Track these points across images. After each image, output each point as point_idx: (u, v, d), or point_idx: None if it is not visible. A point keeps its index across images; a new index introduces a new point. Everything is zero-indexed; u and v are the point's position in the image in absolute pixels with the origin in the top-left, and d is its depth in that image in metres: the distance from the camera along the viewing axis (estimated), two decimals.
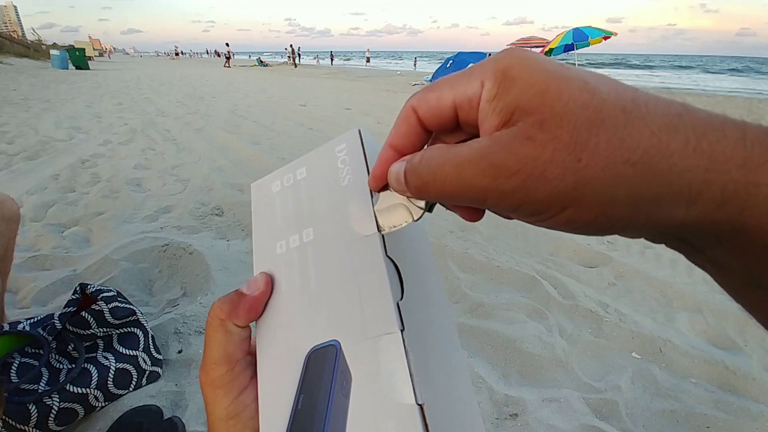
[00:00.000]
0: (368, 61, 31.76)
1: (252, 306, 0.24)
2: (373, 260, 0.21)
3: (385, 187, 0.22)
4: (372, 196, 0.23)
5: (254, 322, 0.25)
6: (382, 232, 0.22)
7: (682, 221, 0.15)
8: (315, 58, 42.20)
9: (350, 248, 0.22)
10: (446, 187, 0.17)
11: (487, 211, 0.20)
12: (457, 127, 0.19)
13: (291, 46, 25.25)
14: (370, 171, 0.22)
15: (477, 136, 0.18)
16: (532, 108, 0.15)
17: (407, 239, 0.25)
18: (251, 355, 0.25)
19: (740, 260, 0.16)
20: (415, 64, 28.17)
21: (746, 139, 0.14)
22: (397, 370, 0.19)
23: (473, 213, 0.21)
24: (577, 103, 0.15)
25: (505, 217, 0.20)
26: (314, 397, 0.20)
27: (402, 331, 0.19)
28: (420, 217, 0.21)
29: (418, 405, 0.18)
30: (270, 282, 0.25)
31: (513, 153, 0.15)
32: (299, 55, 25.61)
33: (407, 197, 0.21)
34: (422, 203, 0.21)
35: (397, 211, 0.21)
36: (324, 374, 0.20)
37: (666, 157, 0.14)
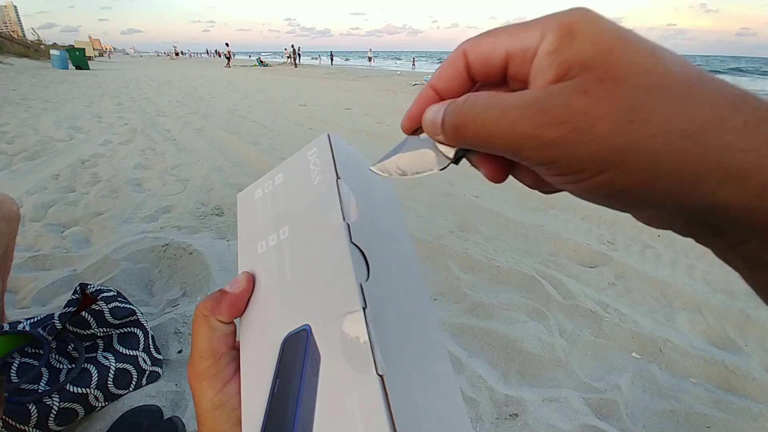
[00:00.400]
0: (371, 60, 31.58)
1: (234, 303, 0.25)
2: (339, 247, 0.23)
3: (416, 131, 0.21)
4: (339, 188, 0.25)
5: (239, 319, 0.26)
6: (406, 177, 0.21)
7: (725, 204, 0.14)
8: (317, 58, 42.25)
9: (320, 239, 0.24)
10: (486, 130, 0.16)
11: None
12: (503, 81, 0.18)
13: (292, 46, 25.31)
14: (408, 113, 0.22)
15: None
16: (593, 65, 0.14)
17: (378, 226, 0.26)
18: (236, 350, 0.26)
19: None
20: (413, 64, 28.12)
21: None
22: (359, 344, 0.20)
23: (499, 170, 0.20)
24: (641, 67, 0.14)
25: (528, 185, 0.20)
26: (288, 380, 0.21)
27: (364, 309, 0.20)
28: (446, 167, 0.20)
29: (379, 376, 0.19)
30: (251, 280, 0.26)
31: (564, 103, 0.14)
32: (299, 55, 25.60)
33: (437, 144, 0.20)
34: (451, 152, 0.20)
35: (424, 157, 0.21)
36: (297, 358, 0.22)
37: (722, 134, 0.13)
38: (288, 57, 30.22)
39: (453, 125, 0.18)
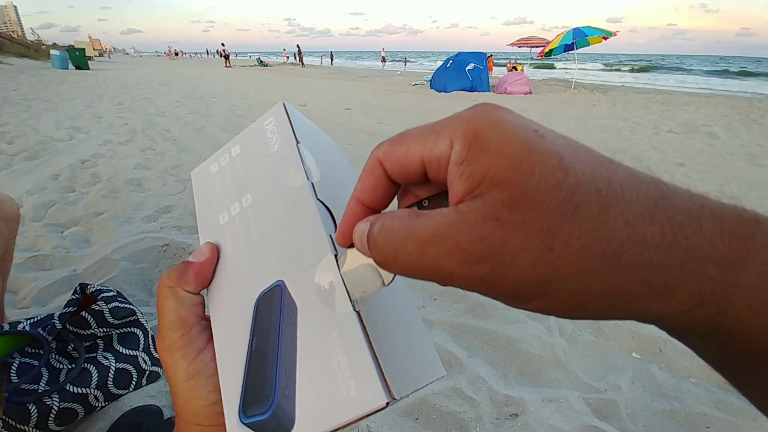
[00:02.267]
0: (384, 61, 28.59)
1: (199, 272, 0.25)
2: (305, 205, 0.24)
3: (352, 244, 0.20)
4: (300, 151, 0.25)
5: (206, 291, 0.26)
6: (353, 299, 0.20)
7: (657, 316, 0.14)
8: (320, 58, 41.92)
9: (285, 200, 0.25)
10: (408, 266, 0.16)
11: None
12: (426, 180, 0.18)
13: (298, 46, 25.51)
14: (340, 230, 0.21)
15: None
16: (501, 182, 0.14)
17: (338, 185, 0.27)
18: (206, 320, 0.26)
19: (722, 353, 0.15)
20: (405, 64, 27.75)
21: (723, 232, 0.13)
22: (334, 287, 0.21)
23: None
24: (549, 183, 0.14)
25: None
26: (266, 336, 0.22)
27: (336, 255, 0.21)
28: (392, 281, 0.19)
29: (356, 311, 0.20)
30: (215, 249, 0.26)
31: (481, 236, 0.14)
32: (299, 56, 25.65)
33: None
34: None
35: (367, 274, 0.20)
36: (273, 313, 0.22)
37: (641, 252, 0.13)
38: (287, 57, 30.18)
39: (378, 258, 0.17)
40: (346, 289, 0.21)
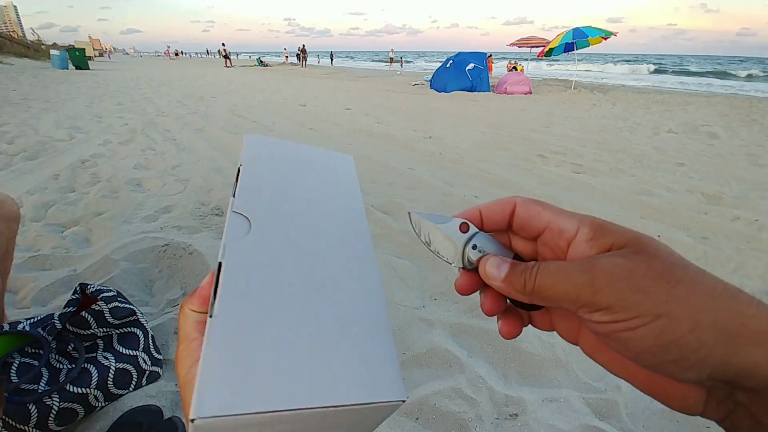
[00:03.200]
0: (392, 61, 27.31)
1: (201, 294, 0.29)
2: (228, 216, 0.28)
3: (463, 226, 0.27)
4: (238, 174, 0.30)
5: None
6: (428, 247, 0.27)
7: (755, 364, 0.16)
8: (317, 57, 41.75)
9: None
10: (555, 290, 0.21)
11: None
12: (510, 228, 0.26)
13: (303, 46, 25.75)
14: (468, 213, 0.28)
15: (524, 239, 0.26)
16: (627, 244, 0.20)
17: (296, 203, 0.31)
18: None
19: None
20: (390, 63, 27.45)
21: None
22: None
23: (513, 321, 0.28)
24: (665, 249, 0.19)
25: (560, 333, 0.28)
26: None
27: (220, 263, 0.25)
28: (459, 268, 0.27)
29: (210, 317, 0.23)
30: (213, 274, 0.28)
31: (612, 262, 0.19)
32: (303, 56, 25.75)
33: (466, 248, 0.26)
34: (460, 261, 0.26)
35: (451, 249, 0.26)
36: None
37: (737, 304, 0.17)
38: (286, 57, 30.26)
39: (532, 289, 0.22)
40: (428, 237, 0.27)
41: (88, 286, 1.09)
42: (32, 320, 1.03)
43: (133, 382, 1.06)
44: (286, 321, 0.23)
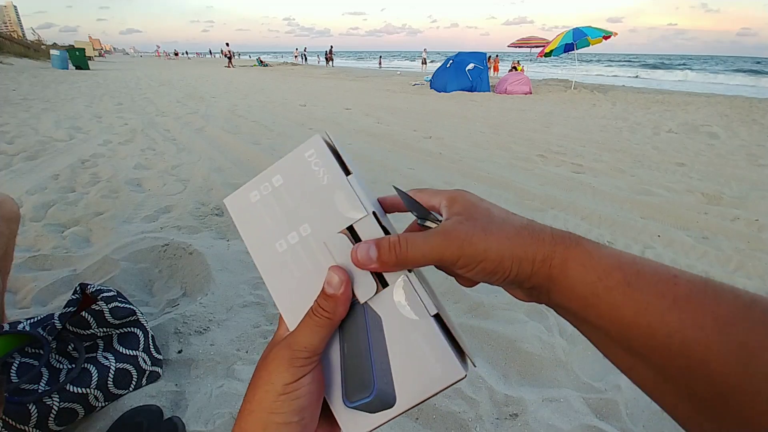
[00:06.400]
0: (424, 63, 24.11)
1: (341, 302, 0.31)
2: (372, 232, 0.29)
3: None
4: (351, 184, 0.29)
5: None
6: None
7: (529, 274, 0.27)
8: (317, 57, 41.78)
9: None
10: (420, 254, 0.27)
11: None
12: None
13: (305, 48, 26.64)
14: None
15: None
16: (462, 212, 0.29)
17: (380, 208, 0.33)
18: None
19: (563, 304, 0.27)
20: (380, 64, 27.31)
21: (555, 241, 0.27)
22: (410, 301, 0.28)
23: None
24: (483, 211, 0.29)
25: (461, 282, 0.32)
26: (355, 341, 0.28)
27: (407, 277, 0.29)
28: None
29: (432, 316, 0.28)
30: (348, 284, 0.30)
31: (457, 229, 0.27)
32: (305, 57, 26.03)
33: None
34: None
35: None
36: (358, 324, 0.28)
37: (522, 245, 0.27)
38: (296, 57, 30.60)
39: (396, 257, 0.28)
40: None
41: (88, 286, 1.09)
42: (32, 320, 1.03)
43: (133, 382, 1.06)
44: (447, 309, 0.30)
